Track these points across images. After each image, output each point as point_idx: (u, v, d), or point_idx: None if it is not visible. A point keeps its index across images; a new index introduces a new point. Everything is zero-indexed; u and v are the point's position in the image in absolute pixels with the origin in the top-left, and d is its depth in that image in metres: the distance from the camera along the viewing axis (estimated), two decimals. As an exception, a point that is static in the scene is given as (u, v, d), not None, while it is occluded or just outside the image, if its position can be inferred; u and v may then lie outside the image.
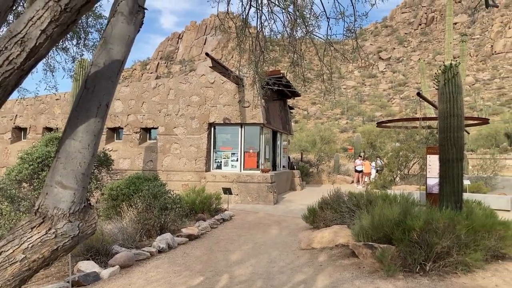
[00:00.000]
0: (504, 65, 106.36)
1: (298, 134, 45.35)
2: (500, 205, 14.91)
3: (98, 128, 2.39)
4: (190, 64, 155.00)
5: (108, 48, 2.35)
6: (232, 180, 17.15)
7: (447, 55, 19.64)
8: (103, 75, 2.36)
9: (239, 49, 6.59)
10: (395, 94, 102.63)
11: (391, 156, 21.46)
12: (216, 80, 18.36)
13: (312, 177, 27.49)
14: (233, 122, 17.98)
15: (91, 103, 2.34)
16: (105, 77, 2.37)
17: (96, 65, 2.36)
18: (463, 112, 8.84)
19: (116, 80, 2.47)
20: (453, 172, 8.60)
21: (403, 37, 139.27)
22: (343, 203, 10.71)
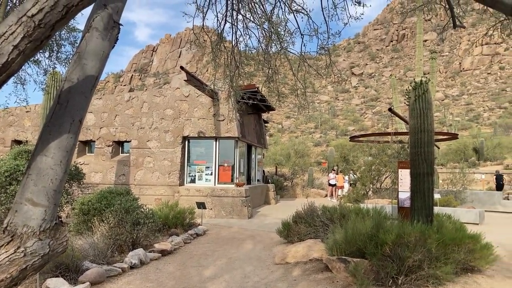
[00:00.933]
0: (471, 82, 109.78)
1: (272, 147, 45.52)
2: (469, 219, 15.27)
3: (71, 144, 2.35)
4: (164, 77, 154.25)
5: (82, 64, 2.33)
6: (206, 194, 17.04)
7: (418, 72, 20.18)
8: (76, 90, 2.33)
9: (214, 63, 6.62)
10: (367, 109, 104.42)
11: (364, 170, 21.76)
12: (191, 94, 18.32)
13: (287, 191, 27.58)
14: (207, 135, 17.93)
15: (64, 119, 2.30)
16: (79, 92, 2.35)
17: (69, 80, 2.34)
18: (433, 127, 9.07)
19: (90, 96, 2.45)
20: (424, 187, 8.78)
21: (375, 53, 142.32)
22: (317, 217, 10.78)
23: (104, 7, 2.40)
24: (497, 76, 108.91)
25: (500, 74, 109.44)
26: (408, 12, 6.73)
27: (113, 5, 2.43)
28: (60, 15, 2.05)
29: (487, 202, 19.96)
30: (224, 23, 6.26)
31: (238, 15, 6.07)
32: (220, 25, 6.28)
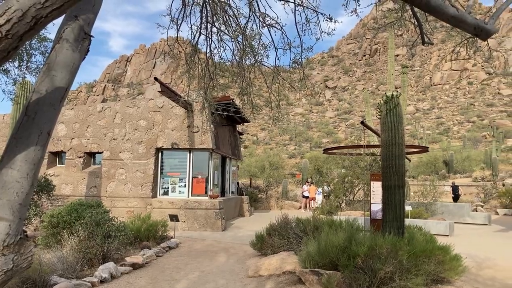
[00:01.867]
0: (441, 96, 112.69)
1: (247, 159, 45.53)
2: (439, 230, 15.58)
3: (39, 156, 2.30)
4: (138, 88, 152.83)
5: (52, 75, 2.29)
6: (179, 206, 16.87)
7: (389, 86, 20.62)
8: (45, 102, 2.29)
9: (188, 75, 6.60)
10: (341, 122, 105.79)
11: (337, 182, 21.98)
12: (165, 105, 18.20)
13: (261, 203, 27.56)
14: (181, 147, 17.81)
15: (31, 131, 2.25)
16: (47, 104, 2.30)
17: (38, 92, 2.29)
18: (404, 140, 9.26)
19: (59, 107, 2.40)
20: (395, 199, 8.92)
21: (348, 67, 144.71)
22: (291, 229, 10.80)
23: (75, 18, 2.38)
24: (466, 91, 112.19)
25: (468, 89, 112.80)
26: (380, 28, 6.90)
27: (84, 17, 2.41)
28: (29, 26, 2.01)
29: (456, 214, 20.41)
30: (199, 35, 6.28)
31: (213, 28, 6.10)
32: (195, 37, 6.29)
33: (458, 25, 3.00)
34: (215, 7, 5.73)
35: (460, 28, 3.14)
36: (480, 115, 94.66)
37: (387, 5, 7.18)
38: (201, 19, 5.86)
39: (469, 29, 3.04)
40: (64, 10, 2.12)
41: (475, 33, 3.09)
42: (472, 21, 2.96)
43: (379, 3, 5.37)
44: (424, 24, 5.10)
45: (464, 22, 2.93)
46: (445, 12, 2.99)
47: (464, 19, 2.95)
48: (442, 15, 3.02)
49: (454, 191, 27.25)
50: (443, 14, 3.00)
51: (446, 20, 3.01)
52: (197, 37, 6.28)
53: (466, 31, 3.20)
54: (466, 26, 2.97)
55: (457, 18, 2.91)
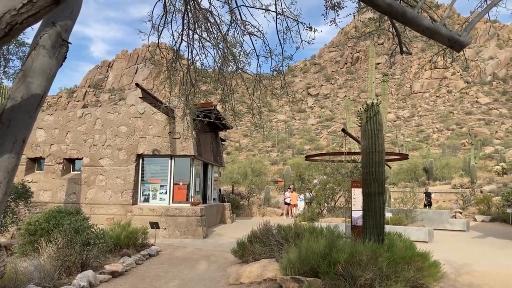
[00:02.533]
0: (421, 104, 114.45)
1: (229, 166, 45.43)
2: (419, 237, 15.75)
3: (13, 164, 2.26)
4: (119, 93, 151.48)
5: (27, 82, 2.26)
6: (160, 213, 16.72)
7: (370, 93, 20.87)
8: (20, 109, 2.25)
9: (170, 81, 6.58)
10: (323, 129, 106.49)
11: (319, 189, 22.08)
12: (146, 111, 18.08)
13: (243, 210, 27.50)
14: (162, 153, 17.69)
15: (6, 138, 2.21)
16: (23, 111, 2.26)
17: (13, 99, 2.25)
18: (383, 148, 9.37)
19: (35, 115, 2.37)
20: (375, 206, 9.00)
21: (330, 75, 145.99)
22: (272, 236, 10.80)
23: (52, 24, 2.35)
24: (445, 99, 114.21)
25: (448, 97, 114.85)
26: (360, 37, 6.97)
27: (62, 23, 2.38)
28: (3, 32, 1.98)
29: (436, 221, 20.68)
30: (180, 41, 6.27)
31: (194, 35, 6.10)
32: (176, 43, 6.28)
33: (433, 36, 3.06)
34: (197, 14, 5.74)
35: (435, 39, 3.21)
36: (459, 123, 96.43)
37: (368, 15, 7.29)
38: (182, 26, 5.86)
39: (444, 41, 3.11)
40: (41, 17, 2.09)
41: (450, 45, 3.16)
42: (446, 33, 3.03)
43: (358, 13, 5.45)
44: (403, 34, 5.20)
45: (438, 33, 2.99)
46: (420, 24, 3.05)
47: (438, 31, 3.01)
48: (418, 27, 3.09)
49: (427, 197, 27.86)
50: (419, 25, 3.07)
51: (422, 32, 3.07)
52: (179, 44, 6.28)
53: (441, 42, 3.27)
54: (441, 38, 3.03)
55: (432, 30, 2.98)
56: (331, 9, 4.35)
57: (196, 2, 5.77)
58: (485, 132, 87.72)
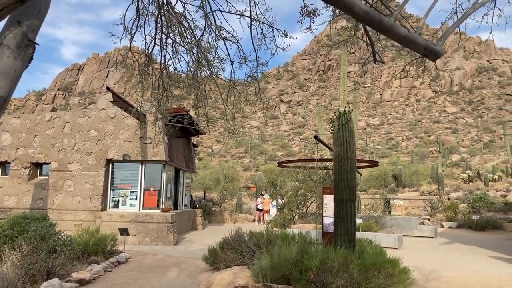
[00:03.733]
0: (391, 112, 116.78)
1: (202, 171, 45.10)
2: (389, 243, 15.96)
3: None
4: (90, 97, 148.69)
5: (-10, 83, 2.14)
6: (130, 220, 16.40)
7: (342, 101, 21.12)
8: (-19, 112, 2.14)
9: (142, 85, 6.46)
10: (295, 135, 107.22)
11: (291, 195, 22.14)
12: (117, 115, 17.77)
13: (215, 216, 27.31)
14: (133, 158, 17.40)
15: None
16: (-16, 114, 2.15)
17: (-26, 100, 2.13)
18: (355, 155, 9.46)
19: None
20: (347, 212, 9.07)
21: (303, 82, 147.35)
22: (244, 243, 10.73)
23: (18, 24, 2.25)
24: (414, 108, 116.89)
25: (416, 106, 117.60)
26: (333, 45, 7.02)
27: (28, 23, 2.28)
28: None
29: (405, 227, 21.02)
30: (153, 45, 6.17)
31: (168, 39, 6.01)
32: (149, 47, 6.18)
33: (409, 45, 3.09)
34: (170, 18, 5.66)
35: (411, 48, 3.24)
36: (427, 131, 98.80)
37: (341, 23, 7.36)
38: (155, 29, 5.77)
39: (420, 50, 3.14)
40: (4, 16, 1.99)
41: (425, 54, 3.19)
42: (422, 42, 3.05)
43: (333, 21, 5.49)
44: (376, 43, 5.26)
45: (415, 42, 3.02)
46: (397, 33, 3.07)
47: (415, 40, 3.04)
48: (394, 35, 3.11)
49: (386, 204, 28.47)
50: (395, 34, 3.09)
51: (398, 40, 3.09)
52: (152, 48, 6.18)
53: (417, 51, 3.30)
54: (417, 47, 3.06)
55: (409, 39, 3.01)
56: (306, 16, 4.36)
57: (170, 6, 5.70)
58: (452, 140, 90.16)
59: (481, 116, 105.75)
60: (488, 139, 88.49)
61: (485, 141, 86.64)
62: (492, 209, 26.39)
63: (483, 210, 25.95)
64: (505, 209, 26.31)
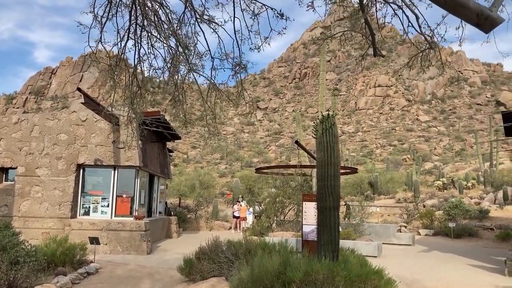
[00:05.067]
0: (366, 120, 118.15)
1: (177, 178, 44.25)
2: (368, 251, 15.65)
3: None
4: (63, 101, 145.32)
5: None
6: (101, 227, 15.64)
7: (321, 107, 20.90)
8: None
9: (114, 82, 5.93)
10: (271, 142, 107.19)
11: (269, 202, 21.70)
12: (89, 118, 17.02)
13: (190, 223, 26.61)
14: (105, 164, 16.67)
15: None
16: None
17: None
18: (339, 161, 9.10)
19: None
20: (330, 221, 8.67)
21: (279, 89, 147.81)
22: (222, 253, 10.21)
23: None
24: (388, 116, 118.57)
25: (390, 114, 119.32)
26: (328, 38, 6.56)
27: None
28: None
29: (383, 235, 20.84)
30: (127, 39, 5.65)
31: (143, 31, 5.50)
32: (122, 40, 5.66)
33: (457, 9, 2.59)
34: (146, 7, 5.16)
35: (458, 14, 2.73)
36: (401, 139, 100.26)
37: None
38: (129, 20, 5.25)
39: (471, 17, 2.59)
40: None
41: (477, 22, 2.63)
42: (474, 6, 2.48)
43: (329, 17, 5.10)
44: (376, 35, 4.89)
45: (464, 6, 2.50)
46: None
47: (464, 3, 2.49)
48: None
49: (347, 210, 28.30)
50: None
51: (443, 4, 2.59)
52: (125, 41, 5.66)
53: (466, 19, 2.77)
54: (467, 13, 2.54)
55: (456, 1, 2.51)
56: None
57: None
58: (425, 148, 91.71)
59: (453, 125, 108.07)
60: (459, 148, 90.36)
61: (456, 150, 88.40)
62: (468, 216, 26.54)
63: (459, 217, 26.07)
64: (480, 217, 26.51)
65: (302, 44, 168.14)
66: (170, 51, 5.24)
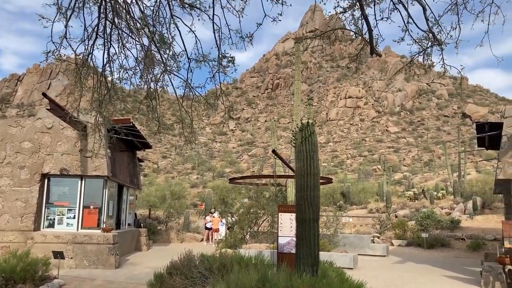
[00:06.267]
0: (336, 131, 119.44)
1: (147, 188, 43.15)
2: (344, 263, 15.34)
3: None
4: (29, 109, 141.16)
5: None
6: (66, 241, 14.82)
7: (295, 117, 20.68)
8: None
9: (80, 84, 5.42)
10: (243, 152, 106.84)
11: (242, 213, 21.20)
12: (55, 125, 16.23)
13: (160, 235, 25.81)
14: (72, 173, 15.88)
15: None
16: None
17: None
18: (319, 171, 8.77)
19: None
20: (310, 233, 8.30)
21: (251, 99, 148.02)
22: (195, 267, 9.67)
23: None
24: (358, 127, 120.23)
25: (360, 125, 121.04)
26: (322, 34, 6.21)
27: None
28: None
29: (357, 246, 20.64)
30: (96, 36, 5.17)
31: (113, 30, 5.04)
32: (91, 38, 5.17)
33: None
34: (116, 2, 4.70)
35: None
36: (371, 149, 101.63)
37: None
38: (99, 15, 4.79)
39: None
40: None
41: None
42: None
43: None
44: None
45: None
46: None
47: None
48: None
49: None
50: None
51: None
52: (93, 39, 5.18)
53: None
54: None
55: None
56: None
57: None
58: (394, 159, 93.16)
59: (421, 136, 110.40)
60: (428, 159, 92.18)
61: (425, 160, 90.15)
62: (439, 226, 26.69)
63: (431, 227, 26.19)
64: (452, 227, 26.70)
65: (275, 55, 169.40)
66: (142, 49, 4.80)
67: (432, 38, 3.43)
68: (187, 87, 5.27)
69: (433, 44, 4.24)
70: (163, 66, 4.87)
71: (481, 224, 27.47)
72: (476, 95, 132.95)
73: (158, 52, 4.70)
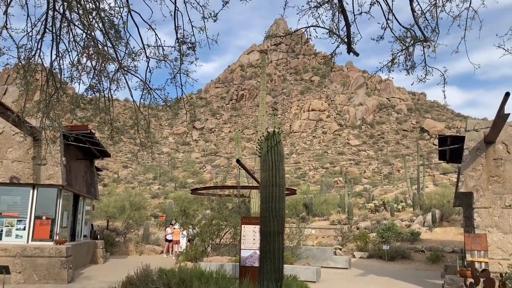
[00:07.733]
0: (299, 143, 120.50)
1: (105, 198, 41.78)
2: (307, 276, 15.06)
3: None
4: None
5: None
6: (14, 254, 13.84)
7: (260, 127, 20.45)
8: None
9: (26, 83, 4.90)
10: (207, 162, 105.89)
11: (204, 225, 20.63)
12: (5, 131, 15.29)
13: (118, 247, 24.82)
14: (23, 182, 14.95)
15: None
16: None
17: None
18: (284, 181, 8.48)
19: None
20: (274, 247, 7.98)
21: (215, 110, 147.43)
22: (152, 283, 9.14)
23: None
24: (321, 140, 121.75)
25: (323, 137, 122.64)
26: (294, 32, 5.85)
27: None
28: None
29: (320, 258, 20.45)
30: (43, 31, 4.68)
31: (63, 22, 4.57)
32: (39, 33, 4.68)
33: None
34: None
35: None
36: (333, 162, 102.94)
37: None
38: (47, 5, 4.32)
39: None
40: None
41: None
42: None
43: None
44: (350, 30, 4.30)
45: None
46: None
47: None
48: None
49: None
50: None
51: None
52: (41, 33, 4.69)
53: None
54: None
55: None
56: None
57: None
58: (355, 171, 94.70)
59: (381, 150, 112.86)
60: (387, 171, 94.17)
61: (384, 173, 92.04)
62: (400, 238, 26.99)
63: (392, 240, 26.44)
64: (412, 239, 27.05)
65: (240, 66, 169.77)
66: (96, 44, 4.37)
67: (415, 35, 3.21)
68: (145, 89, 4.88)
69: (416, 41, 4.04)
70: (118, 64, 4.48)
71: (440, 236, 27.98)
72: (433, 110, 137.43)
73: (113, 48, 4.31)
